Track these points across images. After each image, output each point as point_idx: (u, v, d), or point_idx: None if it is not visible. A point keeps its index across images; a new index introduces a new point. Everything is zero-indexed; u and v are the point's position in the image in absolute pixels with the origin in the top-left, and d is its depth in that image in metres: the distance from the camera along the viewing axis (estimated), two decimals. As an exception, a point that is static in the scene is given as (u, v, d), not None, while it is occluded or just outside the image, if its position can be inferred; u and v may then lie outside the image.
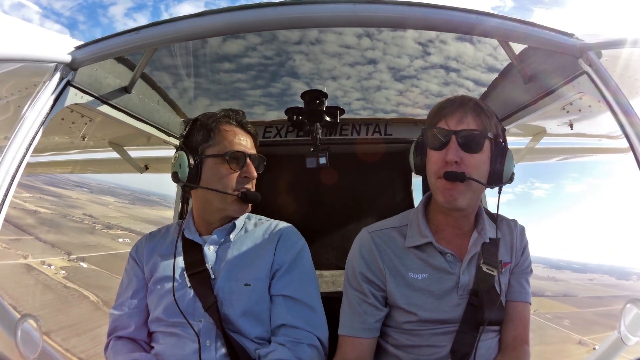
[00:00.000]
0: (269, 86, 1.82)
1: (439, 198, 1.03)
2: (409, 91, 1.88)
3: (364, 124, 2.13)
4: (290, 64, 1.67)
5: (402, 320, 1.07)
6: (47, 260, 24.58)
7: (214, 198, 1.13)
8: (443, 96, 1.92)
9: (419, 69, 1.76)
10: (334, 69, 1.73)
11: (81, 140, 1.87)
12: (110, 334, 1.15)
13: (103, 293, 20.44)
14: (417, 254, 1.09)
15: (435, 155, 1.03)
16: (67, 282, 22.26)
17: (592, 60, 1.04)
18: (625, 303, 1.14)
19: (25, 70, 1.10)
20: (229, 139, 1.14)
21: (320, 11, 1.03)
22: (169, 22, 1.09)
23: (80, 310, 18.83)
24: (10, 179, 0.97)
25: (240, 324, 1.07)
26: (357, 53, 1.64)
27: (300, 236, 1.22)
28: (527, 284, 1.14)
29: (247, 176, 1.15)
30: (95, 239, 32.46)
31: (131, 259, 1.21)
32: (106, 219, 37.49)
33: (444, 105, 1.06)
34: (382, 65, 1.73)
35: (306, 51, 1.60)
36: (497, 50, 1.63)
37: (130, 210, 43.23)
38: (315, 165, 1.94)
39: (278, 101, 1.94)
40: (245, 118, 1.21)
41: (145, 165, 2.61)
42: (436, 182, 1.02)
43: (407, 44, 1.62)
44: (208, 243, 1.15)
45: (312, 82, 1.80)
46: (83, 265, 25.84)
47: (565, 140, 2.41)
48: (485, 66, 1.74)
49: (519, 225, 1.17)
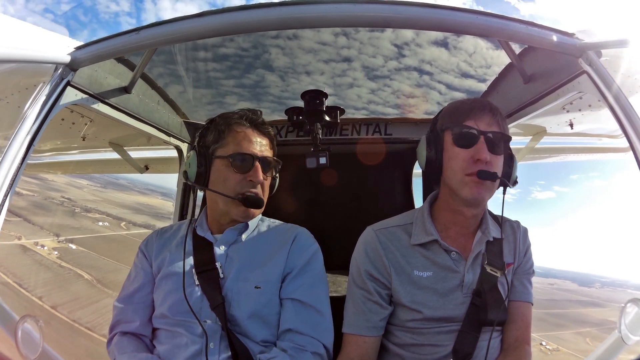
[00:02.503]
0: (243, 77, 1.83)
1: (465, 194, 1.04)
2: (380, 90, 1.91)
3: (364, 124, 2.13)
4: (265, 57, 1.68)
5: (406, 318, 1.07)
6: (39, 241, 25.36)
7: (219, 200, 1.12)
8: (414, 97, 1.98)
9: (393, 69, 1.79)
10: (309, 64, 1.74)
11: (81, 140, 1.87)
12: (113, 327, 1.13)
13: (95, 272, 21.52)
14: (422, 252, 1.09)
15: (462, 153, 1.04)
16: (61, 261, 23.10)
17: (592, 60, 1.04)
18: (626, 302, 1.14)
19: (25, 70, 1.10)
20: (237, 141, 1.12)
21: (320, 11, 1.03)
22: (169, 23, 1.09)
23: (77, 287, 19.82)
24: (11, 179, 0.97)
25: (246, 326, 1.06)
26: (333, 50, 1.65)
27: (314, 240, 1.20)
28: (529, 284, 1.15)
29: (252, 180, 1.11)
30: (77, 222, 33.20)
31: (140, 253, 1.20)
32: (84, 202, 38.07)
33: (472, 106, 1.07)
34: (357, 63, 1.76)
35: (283, 45, 1.61)
36: (472, 57, 1.69)
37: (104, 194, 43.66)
38: (315, 165, 1.94)
39: (250, 92, 1.96)
40: (261, 118, 1.18)
41: (145, 165, 2.61)
42: (464, 179, 1.03)
43: (383, 44, 1.65)
44: (219, 242, 1.14)
45: (286, 75, 1.82)
46: (72, 246, 26.48)
47: (565, 140, 2.41)
48: (459, 71, 1.79)
49: (522, 226, 1.18)
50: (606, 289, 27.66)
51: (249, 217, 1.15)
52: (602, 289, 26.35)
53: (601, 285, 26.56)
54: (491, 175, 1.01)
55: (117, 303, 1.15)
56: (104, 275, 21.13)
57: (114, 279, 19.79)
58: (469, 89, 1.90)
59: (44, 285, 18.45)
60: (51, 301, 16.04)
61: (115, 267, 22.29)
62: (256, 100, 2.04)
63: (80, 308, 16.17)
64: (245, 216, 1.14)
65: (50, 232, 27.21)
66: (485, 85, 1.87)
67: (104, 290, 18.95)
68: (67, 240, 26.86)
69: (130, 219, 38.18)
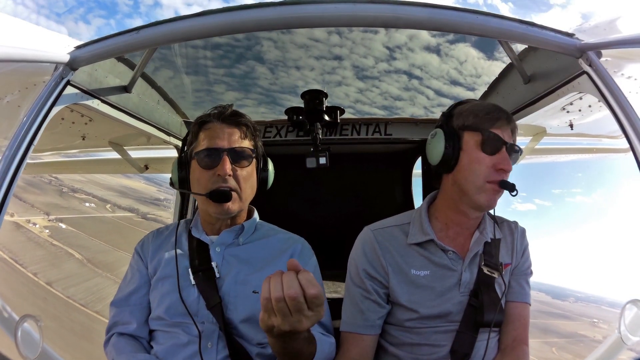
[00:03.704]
0: (233, 67, 1.83)
1: (481, 199, 1.04)
2: (368, 90, 1.93)
3: (364, 124, 2.13)
4: (257, 48, 1.68)
5: (404, 317, 1.08)
6: (31, 219, 26.00)
7: (198, 201, 1.13)
8: (402, 100, 1.99)
9: (383, 71, 1.80)
10: (300, 59, 1.75)
11: (81, 140, 1.87)
12: (110, 328, 1.12)
13: (85, 252, 21.62)
14: (419, 251, 1.10)
15: (487, 159, 1.03)
16: (52, 240, 23.29)
17: (592, 60, 1.04)
18: (626, 303, 1.14)
19: (25, 70, 1.10)
20: (207, 137, 1.09)
21: (320, 11, 1.03)
22: (169, 22, 1.08)
23: (69, 265, 20.13)
24: (10, 179, 0.96)
25: (242, 329, 1.05)
26: (325, 48, 1.66)
27: (313, 252, 1.21)
28: (527, 285, 1.15)
29: (220, 173, 1.06)
30: (65, 202, 33.83)
31: (136, 254, 1.20)
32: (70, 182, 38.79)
33: (498, 115, 1.06)
34: (347, 62, 1.77)
35: (275, 39, 1.62)
36: (463, 65, 1.72)
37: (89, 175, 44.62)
38: (315, 165, 1.94)
39: (239, 82, 1.96)
40: (230, 110, 1.13)
41: (145, 165, 2.61)
42: (485, 185, 1.03)
43: (375, 46, 1.66)
44: (215, 243, 1.13)
45: (276, 68, 1.84)
46: (62, 225, 26.79)
47: (565, 140, 2.41)
48: (448, 78, 1.81)
49: (519, 226, 1.19)
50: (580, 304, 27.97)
51: (226, 213, 1.09)
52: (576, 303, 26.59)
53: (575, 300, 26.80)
54: (511, 187, 1.02)
55: (114, 305, 1.14)
56: (94, 255, 21.24)
57: (103, 259, 19.96)
58: (457, 96, 1.91)
59: (38, 262, 18.48)
60: (46, 278, 16.28)
61: (104, 248, 22.53)
62: (244, 91, 2.04)
63: (73, 285, 16.48)
64: (220, 212, 1.08)
65: (40, 211, 27.83)
66: (473, 94, 1.89)
67: (94, 270, 19.10)
68: (57, 220, 27.51)
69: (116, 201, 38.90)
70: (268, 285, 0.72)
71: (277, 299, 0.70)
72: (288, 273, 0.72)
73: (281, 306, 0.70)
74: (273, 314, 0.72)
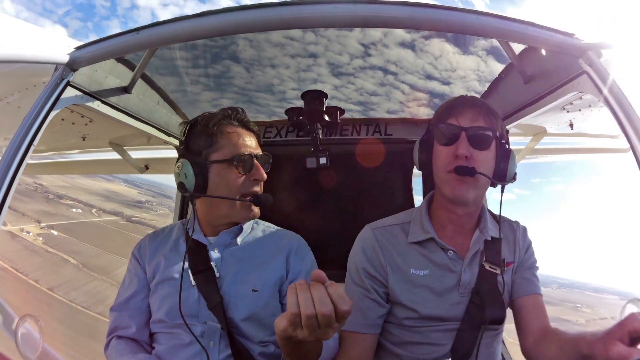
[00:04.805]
0: (208, 67, 1.84)
1: (447, 192, 1.05)
2: (343, 87, 1.93)
3: (364, 124, 2.13)
4: (233, 48, 1.69)
5: (403, 316, 1.07)
6: (24, 227, 26.14)
7: (222, 204, 1.11)
8: (377, 95, 2.01)
9: (358, 67, 1.81)
10: (275, 57, 1.76)
11: (81, 140, 1.87)
12: (110, 333, 1.13)
13: (79, 257, 22.98)
14: (419, 250, 1.10)
15: (444, 150, 1.05)
16: (47, 247, 24.29)
17: (592, 60, 1.04)
18: (626, 302, 1.14)
19: (25, 70, 1.10)
20: (234, 142, 1.11)
21: (320, 11, 1.03)
22: (169, 22, 1.08)
23: (67, 271, 21.11)
24: (10, 179, 0.97)
25: (243, 328, 1.06)
26: (300, 46, 1.67)
27: (309, 248, 1.22)
28: (535, 277, 1.15)
29: (257, 178, 1.12)
30: (53, 209, 34.54)
31: (133, 258, 1.19)
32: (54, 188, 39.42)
33: (454, 103, 1.07)
34: (322, 60, 1.77)
35: (251, 38, 1.62)
36: (438, 60, 1.72)
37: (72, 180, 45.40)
38: (315, 165, 1.93)
39: (215, 82, 1.97)
40: (246, 116, 1.18)
41: (145, 165, 2.61)
42: (445, 176, 1.04)
43: (350, 43, 1.66)
44: (213, 245, 1.14)
45: (252, 67, 1.85)
46: (54, 232, 27.71)
47: (565, 140, 2.41)
48: (423, 73, 1.82)
49: (520, 225, 1.19)
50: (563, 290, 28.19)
51: (252, 218, 1.15)
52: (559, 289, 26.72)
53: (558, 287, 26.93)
54: (468, 171, 1.00)
55: (113, 310, 1.14)
56: (88, 260, 22.24)
57: (97, 263, 20.91)
58: (432, 90, 1.93)
59: (38, 269, 19.40)
60: (47, 284, 17.00)
61: (96, 252, 23.51)
62: (220, 90, 2.05)
63: (73, 290, 17.37)
64: (249, 217, 1.14)
65: (31, 219, 28.39)
66: (449, 88, 1.90)
67: (90, 274, 20.08)
68: (48, 227, 28.07)
69: (100, 206, 39.41)
70: (295, 298, 0.67)
71: (309, 316, 0.66)
72: (317, 287, 0.67)
73: (312, 322, 0.66)
74: (300, 327, 0.68)
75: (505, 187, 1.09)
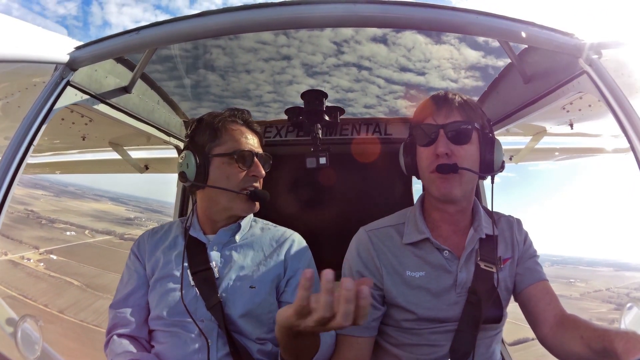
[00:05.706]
0: (185, 77, 1.87)
1: (433, 192, 1.05)
2: (319, 86, 1.95)
3: (363, 124, 2.13)
4: (207, 57, 1.71)
5: (401, 318, 1.07)
6: (24, 255, 26.86)
7: (221, 197, 1.13)
8: (354, 91, 2.03)
9: (332, 66, 1.83)
10: (249, 62, 1.78)
11: (81, 140, 1.87)
12: (109, 330, 1.13)
13: (81, 278, 23.70)
14: (414, 251, 1.09)
15: (425, 151, 1.05)
16: (49, 272, 24.89)
17: (592, 60, 1.04)
18: (626, 303, 1.14)
19: (25, 70, 1.10)
20: (236, 138, 1.15)
21: (320, 11, 1.03)
22: (169, 22, 1.09)
23: (72, 293, 21.69)
24: (10, 179, 0.97)
25: (241, 325, 1.07)
26: (273, 49, 1.69)
27: (307, 246, 1.23)
28: (538, 265, 1.14)
29: (256, 175, 1.15)
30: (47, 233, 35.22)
31: (132, 255, 1.20)
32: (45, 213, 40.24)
33: (428, 103, 1.07)
34: (296, 61, 1.80)
35: (223, 45, 1.64)
36: (411, 52, 1.74)
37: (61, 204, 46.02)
38: (315, 165, 1.93)
39: (192, 93, 2.01)
40: (251, 117, 1.22)
41: (145, 165, 2.61)
42: (430, 177, 1.04)
43: (322, 42, 1.68)
44: (212, 243, 1.15)
45: (227, 75, 1.87)
46: (53, 257, 28.31)
47: (565, 140, 2.41)
48: (398, 66, 1.83)
49: (515, 218, 1.19)
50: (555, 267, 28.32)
51: (252, 211, 1.17)
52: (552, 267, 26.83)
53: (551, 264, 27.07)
54: (450, 168, 1.00)
55: (112, 308, 1.14)
56: (90, 280, 22.97)
57: (100, 282, 21.40)
58: (408, 82, 1.94)
59: (44, 294, 20.01)
60: (57, 307, 17.72)
61: (96, 272, 24.08)
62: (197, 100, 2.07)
63: (82, 310, 17.95)
64: (249, 211, 1.16)
65: (29, 246, 29.01)
66: (424, 78, 1.91)
67: (95, 294, 20.61)
68: (47, 252, 28.70)
69: (92, 226, 40.35)
70: (307, 293, 0.65)
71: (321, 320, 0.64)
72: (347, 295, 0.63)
73: (325, 319, 0.64)
74: (304, 318, 0.66)
75: (494, 178, 1.08)
